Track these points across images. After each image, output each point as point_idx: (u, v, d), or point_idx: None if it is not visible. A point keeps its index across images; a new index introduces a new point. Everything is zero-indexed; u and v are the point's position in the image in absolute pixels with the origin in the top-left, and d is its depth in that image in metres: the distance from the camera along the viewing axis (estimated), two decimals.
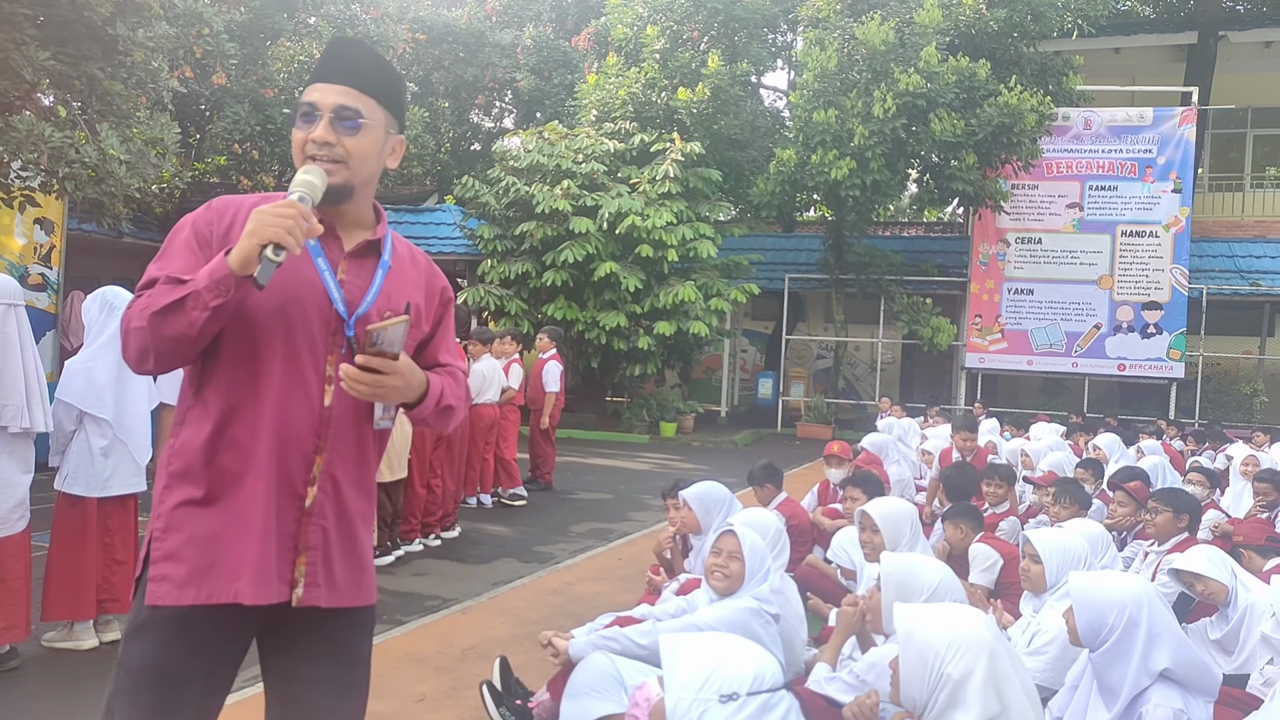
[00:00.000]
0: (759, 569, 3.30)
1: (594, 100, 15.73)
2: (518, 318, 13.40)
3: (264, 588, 1.74)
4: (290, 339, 1.78)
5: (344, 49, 1.91)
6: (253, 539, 1.74)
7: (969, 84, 13.46)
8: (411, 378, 1.79)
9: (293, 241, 1.65)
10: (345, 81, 1.84)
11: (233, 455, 1.76)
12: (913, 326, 15.19)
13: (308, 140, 1.81)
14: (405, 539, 6.23)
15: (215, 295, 1.65)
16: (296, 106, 1.87)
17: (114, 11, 8.03)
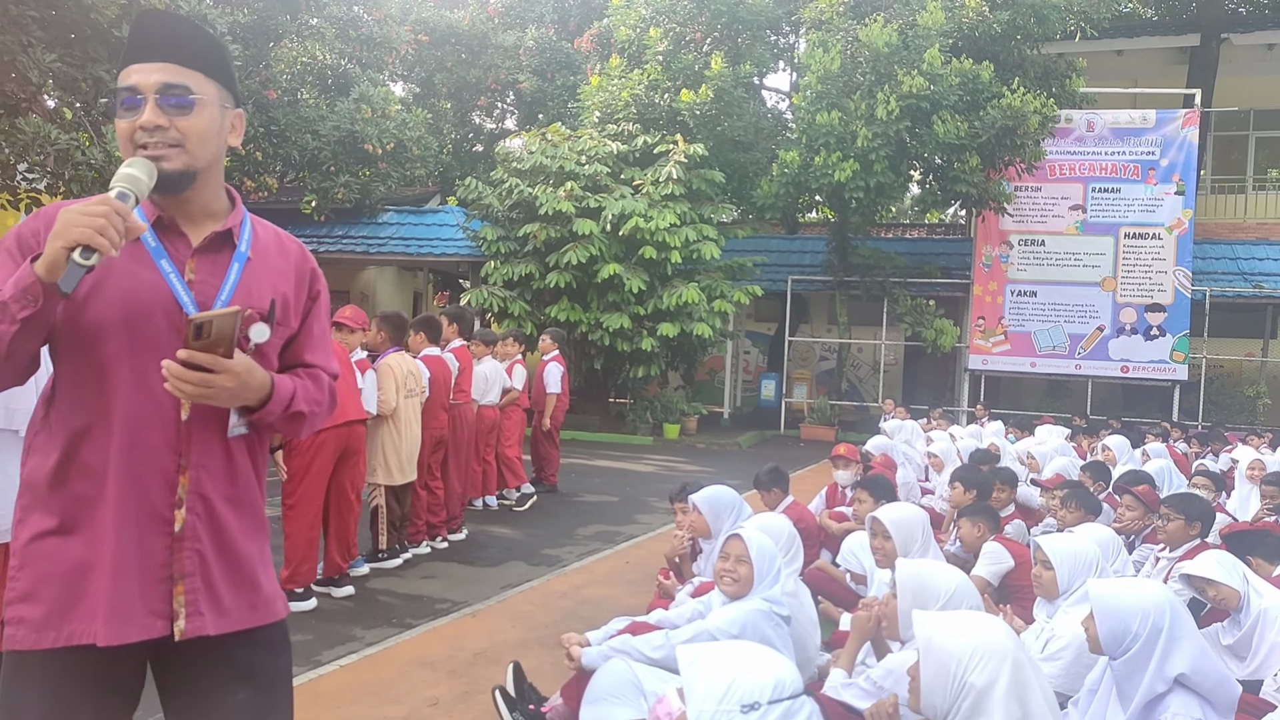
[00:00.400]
0: (768, 571, 3.30)
1: (597, 102, 15.73)
2: (521, 319, 13.40)
3: (123, 626, 1.59)
4: (137, 351, 1.63)
5: (157, 22, 1.72)
6: (106, 573, 1.60)
7: (972, 86, 13.46)
8: (250, 378, 1.64)
9: (104, 242, 1.47)
10: (166, 58, 1.67)
11: (84, 482, 1.62)
12: (916, 328, 15.19)
13: (135, 128, 1.64)
14: (412, 541, 6.23)
15: (22, 306, 1.49)
16: (114, 94, 1.68)
17: (120, 14, 8.04)
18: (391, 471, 5.75)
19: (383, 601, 5.14)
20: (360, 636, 4.49)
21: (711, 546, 4.62)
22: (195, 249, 1.71)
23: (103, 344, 1.62)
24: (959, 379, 16.63)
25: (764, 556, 3.28)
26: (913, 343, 16.30)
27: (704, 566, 4.73)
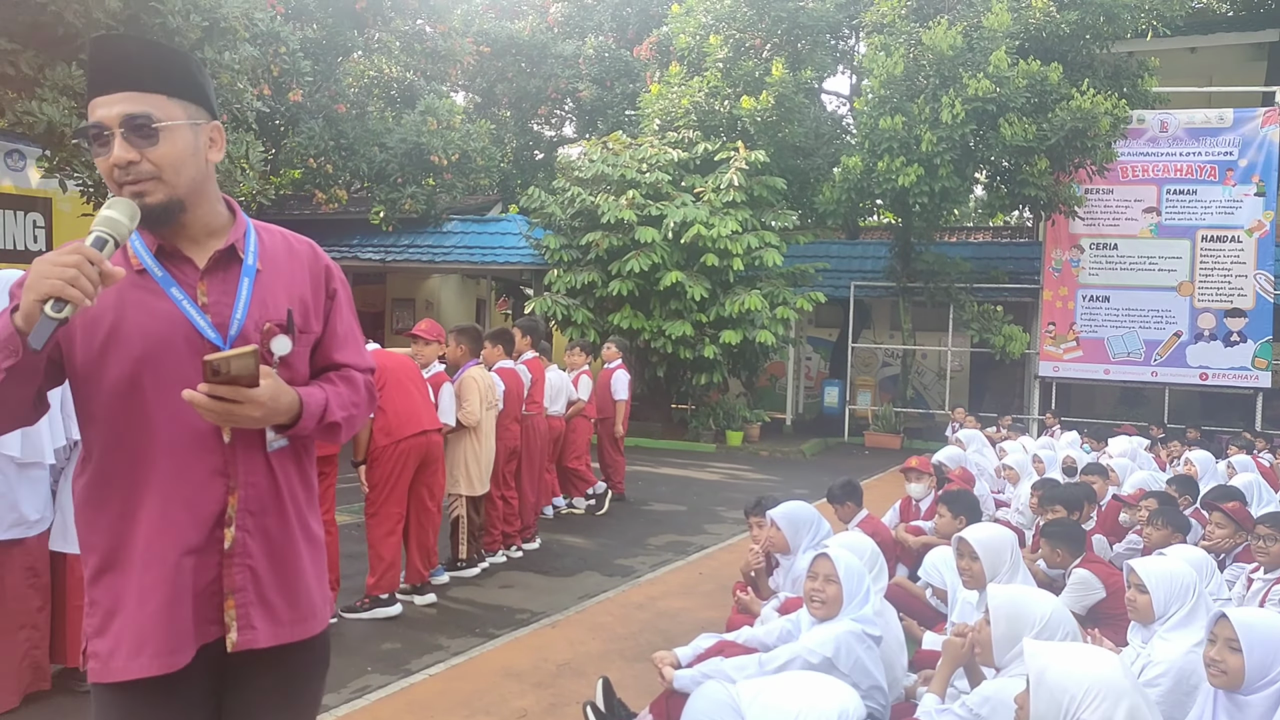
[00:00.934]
0: (857, 591, 3.29)
1: (657, 109, 15.78)
2: (584, 327, 13.50)
3: (182, 651, 1.64)
4: (166, 383, 1.63)
5: (108, 50, 1.66)
6: (163, 602, 1.64)
7: (1040, 88, 13.20)
8: (275, 404, 1.63)
9: (75, 293, 1.43)
10: (125, 86, 1.61)
11: (135, 517, 1.65)
12: (983, 335, 14.93)
13: (111, 166, 1.61)
14: (489, 550, 6.34)
15: (5, 356, 1.49)
16: (85, 130, 1.64)
17: (203, 35, 8.33)
18: (473, 482, 5.86)
19: (465, 611, 5.24)
20: (446, 646, 4.58)
21: (790, 562, 4.63)
22: (202, 271, 1.70)
23: (131, 382, 1.63)
24: (1028, 386, 16.29)
25: (852, 575, 3.28)
26: (979, 349, 16.02)
27: (781, 581, 4.73)
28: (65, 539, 3.57)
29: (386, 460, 5.11)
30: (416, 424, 5.13)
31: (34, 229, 10.17)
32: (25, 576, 3.40)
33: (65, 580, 3.56)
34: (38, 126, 7.15)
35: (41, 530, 3.50)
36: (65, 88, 7.41)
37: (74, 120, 7.19)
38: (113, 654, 1.64)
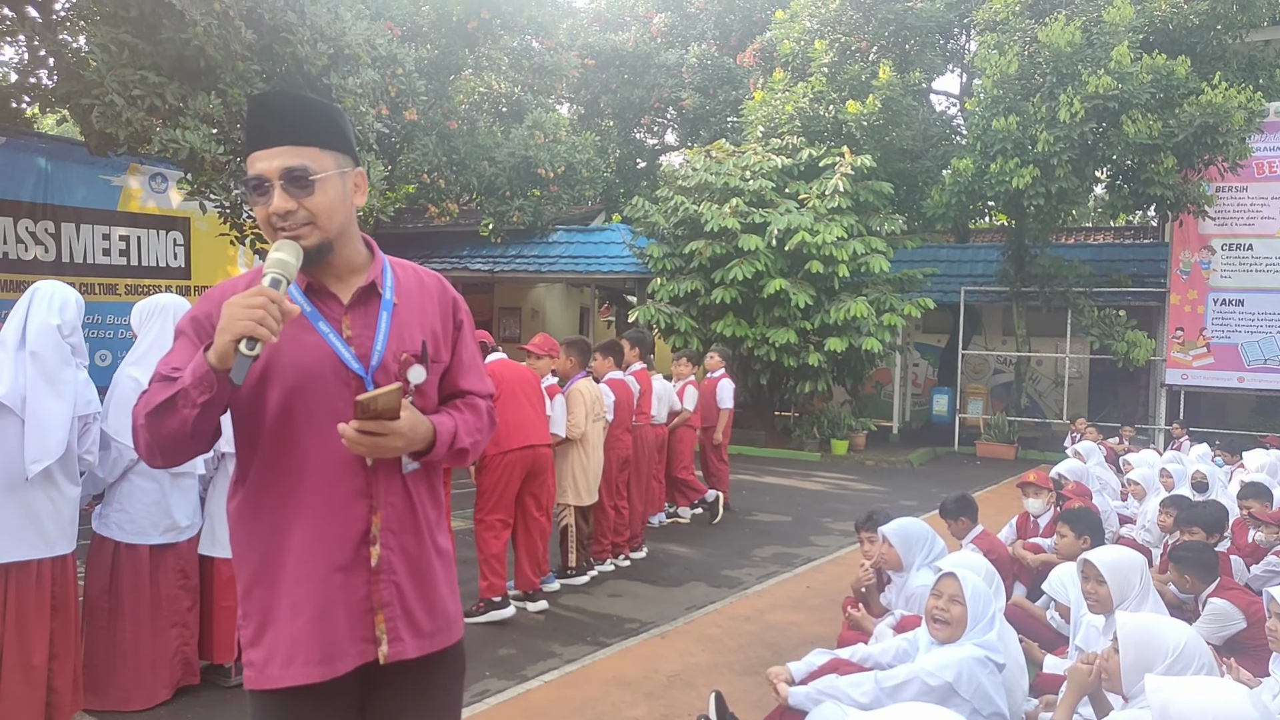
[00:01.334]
0: (982, 614, 3.23)
1: (760, 116, 15.73)
2: (687, 335, 13.56)
3: (336, 661, 1.76)
4: (315, 411, 1.76)
5: (267, 107, 1.81)
6: (316, 615, 1.75)
7: (1166, 83, 12.56)
8: (414, 434, 1.76)
9: (265, 332, 1.60)
10: (282, 141, 1.75)
11: (287, 536, 1.77)
12: (1104, 341, 14.29)
13: (270, 214, 1.75)
14: (597, 559, 6.46)
15: (200, 392, 1.64)
16: (247, 182, 1.79)
17: (329, 63, 8.77)
18: (580, 493, 5.99)
19: (575, 619, 5.36)
20: (559, 653, 4.71)
21: (903, 580, 4.57)
22: (347, 306, 1.83)
23: (285, 411, 1.76)
24: (1153, 394, 15.50)
25: (979, 598, 3.22)
26: (1100, 356, 15.34)
27: (894, 599, 4.67)
28: (213, 544, 3.84)
29: (493, 470, 5.27)
30: (523, 437, 5.28)
31: (174, 246, 10.87)
32: (176, 579, 3.67)
33: (213, 582, 3.83)
34: (181, 153, 7.65)
35: (191, 535, 3.78)
36: (206, 116, 7.92)
37: (213, 147, 7.67)
38: (267, 662, 1.76)
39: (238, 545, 1.83)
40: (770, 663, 4.67)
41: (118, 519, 3.56)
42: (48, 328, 3.11)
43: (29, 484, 3.05)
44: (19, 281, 9.07)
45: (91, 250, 10.00)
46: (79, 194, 9.92)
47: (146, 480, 3.55)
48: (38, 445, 3.00)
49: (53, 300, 3.18)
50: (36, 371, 3.05)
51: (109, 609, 3.52)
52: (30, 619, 3.09)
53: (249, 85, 8.19)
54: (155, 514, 3.58)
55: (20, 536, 3.07)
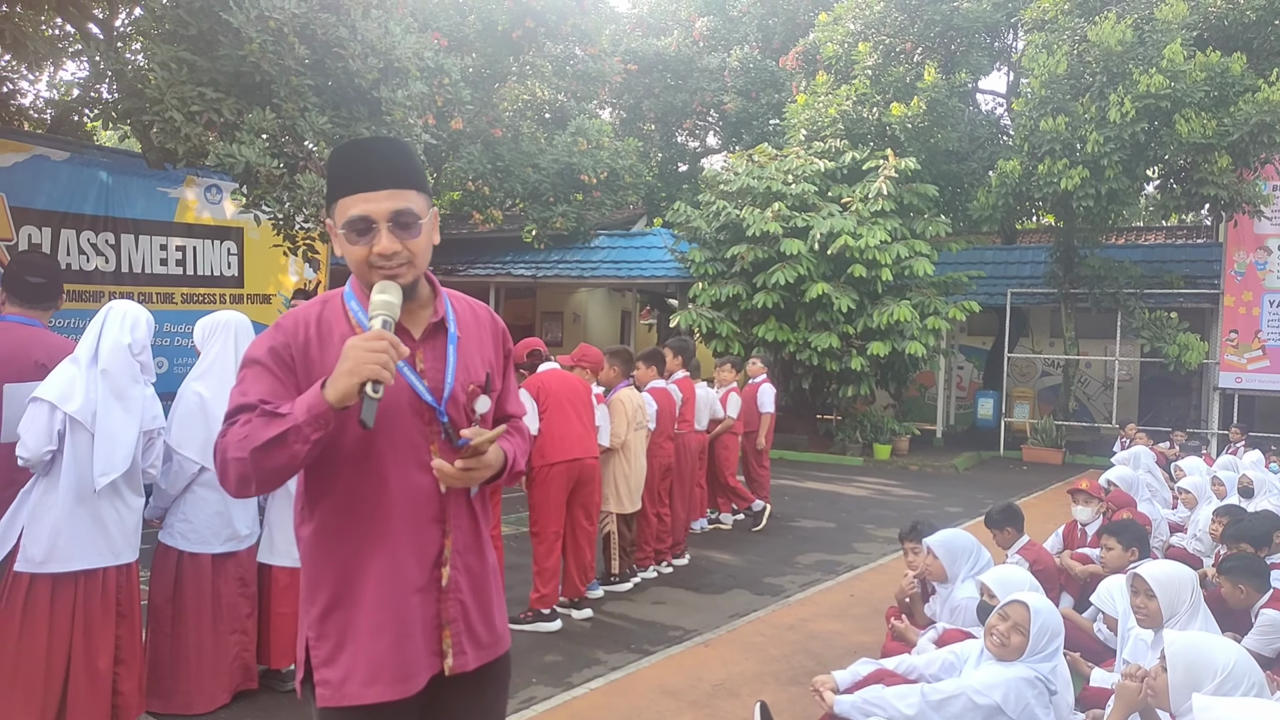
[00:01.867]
0: (1043, 649, 3.22)
1: (803, 119, 15.68)
2: (729, 340, 13.58)
3: (413, 678, 1.84)
4: (395, 443, 1.84)
5: (368, 151, 1.88)
6: (395, 635, 1.83)
7: (1220, 80, 12.29)
8: (495, 462, 1.89)
9: (388, 375, 1.68)
10: (389, 184, 1.80)
11: (367, 560, 1.83)
12: (1155, 343, 14.01)
13: (371, 254, 1.80)
14: (640, 566, 6.52)
15: (315, 430, 1.69)
16: (348, 222, 1.81)
17: (379, 76, 8.94)
18: (622, 500, 6.06)
19: (619, 626, 5.43)
20: (604, 660, 4.78)
21: (947, 591, 4.56)
22: (419, 340, 1.91)
23: (367, 443, 1.82)
24: (1206, 398, 15.17)
25: (1044, 634, 3.22)
26: (1150, 359, 15.04)
27: (938, 610, 4.66)
28: (272, 552, 3.98)
29: (541, 483, 5.35)
30: (567, 450, 5.35)
31: (228, 256, 11.16)
32: (236, 586, 3.81)
33: (270, 590, 3.96)
34: (237, 167, 7.87)
35: (251, 544, 3.91)
36: (260, 130, 8.13)
37: (268, 160, 7.87)
38: (345, 681, 1.82)
39: (314, 569, 1.88)
40: (814, 672, 4.69)
41: (182, 529, 3.70)
42: (119, 346, 3.25)
43: (97, 495, 3.20)
44: (81, 291, 9.38)
45: (149, 260, 10.29)
46: (138, 206, 10.22)
47: (210, 491, 3.68)
48: (105, 459, 3.15)
49: (125, 319, 3.32)
50: (107, 388, 3.19)
51: (172, 615, 3.66)
52: (96, 625, 3.24)
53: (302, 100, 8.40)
54: (217, 524, 3.72)
55: (89, 545, 3.22)
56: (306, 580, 1.89)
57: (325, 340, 1.83)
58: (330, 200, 1.85)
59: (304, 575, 1.90)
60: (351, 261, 1.84)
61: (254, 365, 1.82)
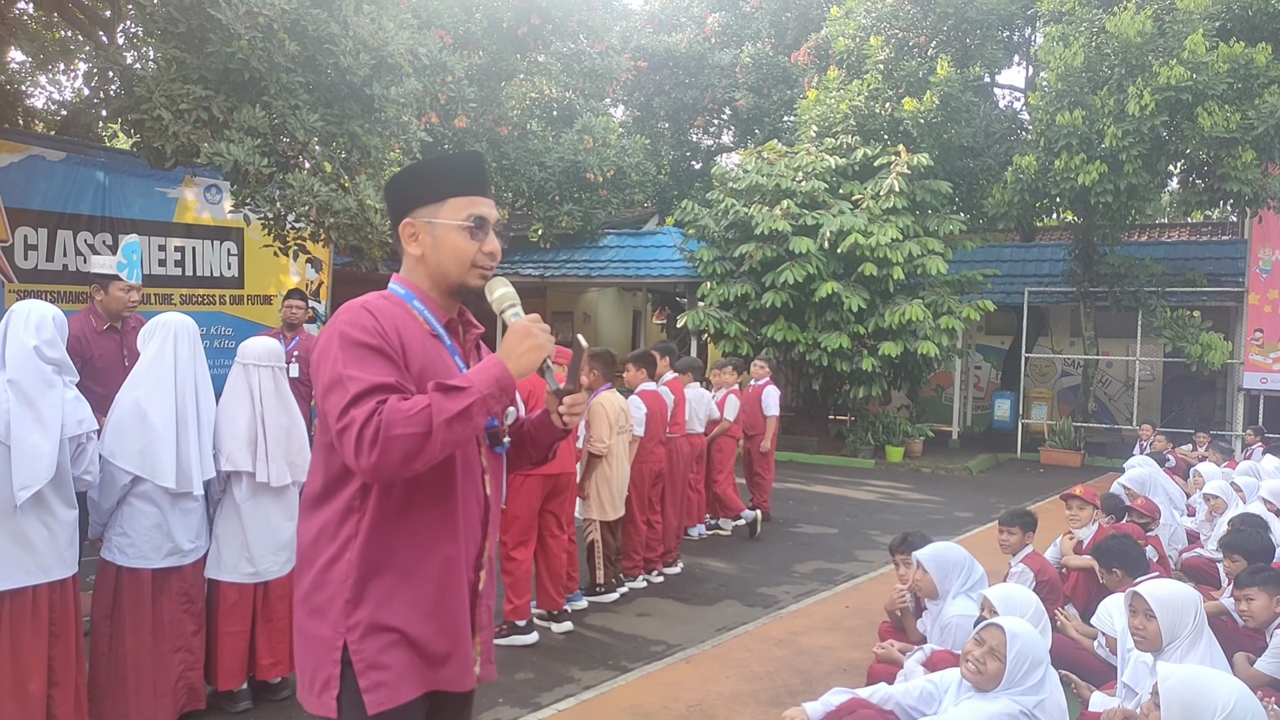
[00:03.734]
0: (1023, 676, 2.99)
1: (814, 116, 15.40)
2: (737, 339, 13.34)
3: (469, 674, 1.88)
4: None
5: (480, 160, 2.02)
6: (456, 631, 1.84)
7: (1244, 72, 11.89)
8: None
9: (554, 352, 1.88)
10: (491, 194, 1.98)
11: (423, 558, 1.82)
12: (1178, 343, 13.61)
13: (480, 252, 1.91)
14: (629, 575, 6.32)
15: (498, 403, 1.77)
16: (472, 217, 1.91)
17: (371, 73, 8.79)
18: (605, 507, 5.85)
19: (599, 640, 5.23)
20: (578, 679, 4.58)
21: (938, 608, 4.33)
22: (462, 338, 2.00)
23: None
24: (1231, 399, 14.74)
25: (1022, 662, 2.98)
26: (1173, 359, 14.63)
27: (929, 627, 4.43)
28: (219, 567, 3.81)
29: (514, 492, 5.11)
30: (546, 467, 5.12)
31: (228, 256, 11.07)
32: (180, 602, 3.64)
33: (218, 607, 3.79)
34: (225, 166, 7.75)
35: (196, 559, 3.73)
36: (250, 129, 8.00)
37: (257, 159, 7.74)
38: (403, 679, 1.79)
39: (365, 569, 1.80)
40: (798, 691, 4.48)
41: (119, 543, 3.54)
42: (25, 350, 3.08)
43: (19, 510, 3.03)
44: (78, 293, 9.33)
45: (148, 261, 10.22)
46: (136, 206, 10.16)
47: (146, 504, 3.52)
48: (26, 471, 2.98)
49: (29, 320, 3.14)
50: (17, 396, 3.02)
51: (110, 633, 3.50)
52: (25, 646, 3.08)
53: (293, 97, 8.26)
54: (156, 537, 3.55)
55: (13, 563, 3.05)
56: (352, 578, 1.79)
57: (407, 339, 1.84)
58: (432, 197, 1.91)
59: (344, 574, 1.80)
60: (459, 260, 1.91)
61: (364, 349, 1.78)
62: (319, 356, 1.81)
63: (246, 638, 3.84)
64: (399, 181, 1.98)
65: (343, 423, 1.70)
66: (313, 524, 1.86)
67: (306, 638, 1.83)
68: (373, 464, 1.69)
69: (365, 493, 1.81)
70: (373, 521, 1.80)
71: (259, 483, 3.80)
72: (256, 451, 3.76)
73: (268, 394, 3.83)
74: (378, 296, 1.90)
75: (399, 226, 1.96)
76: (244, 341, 4.05)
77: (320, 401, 1.77)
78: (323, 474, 1.85)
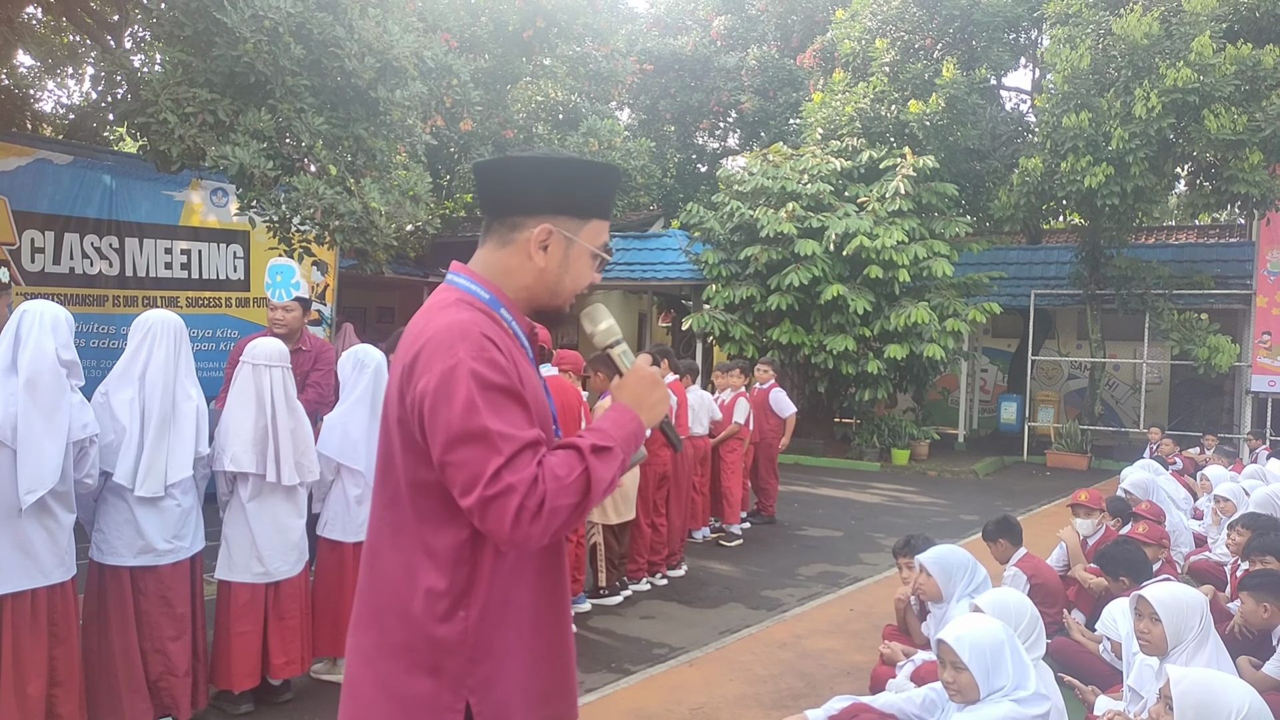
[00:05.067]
0: (993, 667, 2.96)
1: (820, 118, 15.39)
2: (743, 342, 13.33)
3: (576, 708, 1.77)
4: None
5: (619, 181, 1.91)
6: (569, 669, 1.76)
7: (1252, 74, 11.84)
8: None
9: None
10: None
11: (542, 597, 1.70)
12: (1185, 346, 13.55)
13: (588, 286, 1.79)
14: (633, 578, 6.31)
15: (629, 458, 1.63)
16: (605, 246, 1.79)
17: (376, 76, 8.81)
18: (607, 510, 5.85)
19: (602, 643, 5.22)
20: (581, 681, 4.53)
21: (943, 611, 4.31)
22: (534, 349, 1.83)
23: None
24: (1239, 402, 14.66)
25: (982, 655, 2.95)
26: (1180, 361, 14.57)
27: (933, 630, 4.42)
28: (230, 568, 3.81)
29: None
30: None
31: (234, 259, 11.10)
32: (159, 604, 3.58)
33: (229, 607, 3.79)
34: (231, 169, 7.77)
35: (176, 560, 3.64)
36: (256, 132, 8.03)
37: (262, 162, 7.77)
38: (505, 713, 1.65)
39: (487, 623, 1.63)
40: (801, 694, 4.47)
41: (97, 539, 3.53)
42: (42, 352, 3.07)
43: (24, 514, 3.03)
44: (85, 295, 9.36)
45: (154, 264, 10.25)
46: (142, 209, 10.19)
47: (116, 499, 3.49)
48: (31, 475, 2.98)
49: (43, 321, 3.11)
50: (29, 399, 3.01)
51: (98, 631, 3.50)
52: (26, 649, 3.07)
53: (298, 100, 8.29)
54: (128, 533, 3.50)
55: (14, 568, 3.05)
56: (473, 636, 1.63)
57: (520, 368, 1.64)
58: (582, 210, 1.73)
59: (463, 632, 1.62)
60: (573, 282, 1.76)
61: (502, 394, 1.56)
62: (436, 394, 1.54)
63: (259, 638, 3.85)
64: (543, 173, 1.71)
65: (496, 488, 1.48)
66: (395, 570, 1.65)
67: (400, 698, 1.62)
68: (532, 536, 1.50)
69: (476, 544, 1.61)
70: (490, 572, 1.62)
71: (269, 483, 3.80)
72: (268, 452, 3.76)
73: (278, 395, 3.83)
74: (472, 309, 1.66)
75: (527, 223, 1.70)
76: (251, 341, 4.06)
77: (444, 452, 1.53)
78: (413, 515, 1.64)
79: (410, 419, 1.60)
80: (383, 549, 1.67)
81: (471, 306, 1.66)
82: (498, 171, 1.74)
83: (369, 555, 1.71)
